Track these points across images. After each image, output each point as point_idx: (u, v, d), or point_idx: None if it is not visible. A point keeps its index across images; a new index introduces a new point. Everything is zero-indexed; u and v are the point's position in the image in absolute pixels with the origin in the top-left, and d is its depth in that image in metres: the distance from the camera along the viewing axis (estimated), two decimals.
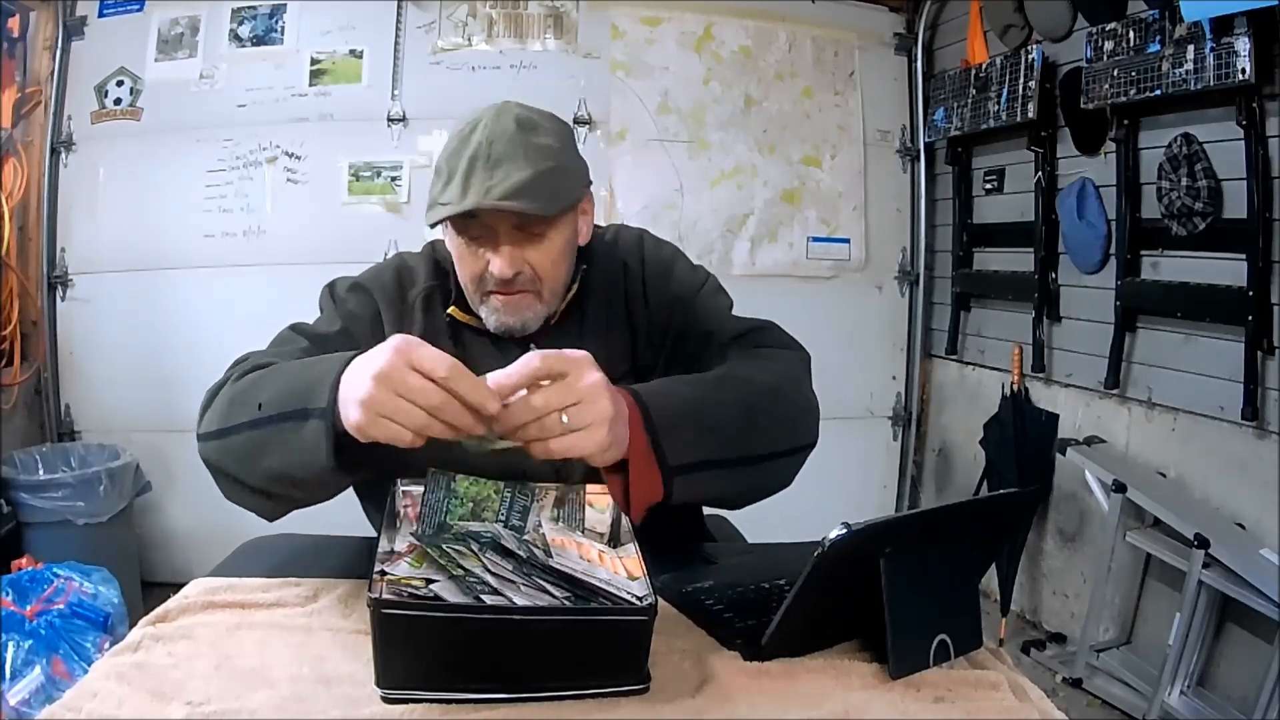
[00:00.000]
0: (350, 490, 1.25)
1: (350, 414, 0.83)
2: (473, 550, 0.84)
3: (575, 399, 0.83)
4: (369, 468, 0.91)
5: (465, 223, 1.05)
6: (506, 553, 0.85)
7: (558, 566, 0.83)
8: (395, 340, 0.83)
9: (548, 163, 1.02)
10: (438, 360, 0.80)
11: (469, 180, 1.00)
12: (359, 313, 1.15)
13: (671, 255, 1.24)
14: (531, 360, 0.83)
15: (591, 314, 1.18)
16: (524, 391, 0.83)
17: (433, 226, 1.06)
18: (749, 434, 0.98)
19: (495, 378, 0.83)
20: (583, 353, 0.86)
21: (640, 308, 1.19)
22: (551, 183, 1.02)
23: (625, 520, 0.98)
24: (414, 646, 0.76)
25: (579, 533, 0.97)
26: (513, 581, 0.81)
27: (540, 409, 0.82)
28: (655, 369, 1.17)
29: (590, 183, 1.15)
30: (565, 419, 0.82)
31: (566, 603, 0.81)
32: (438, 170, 1.06)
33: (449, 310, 1.15)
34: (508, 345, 1.14)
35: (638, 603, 0.81)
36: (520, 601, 0.79)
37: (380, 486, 1.00)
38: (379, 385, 0.80)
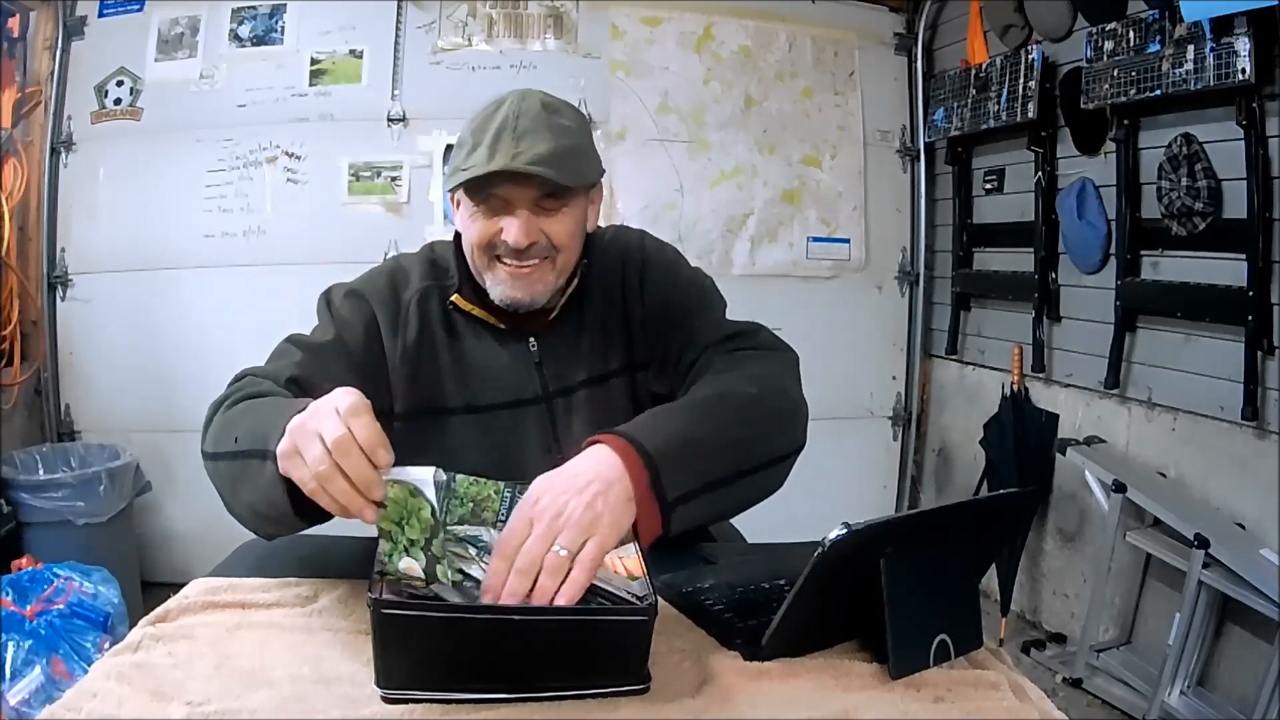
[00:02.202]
0: None
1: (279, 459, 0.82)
2: (472, 554, 0.84)
3: (557, 530, 0.81)
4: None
5: (483, 193, 1.07)
6: None
7: None
8: (334, 395, 0.81)
9: (569, 141, 1.07)
10: (337, 430, 0.77)
11: (496, 147, 1.03)
12: (353, 320, 1.15)
13: (674, 258, 1.26)
14: (510, 524, 0.83)
15: (590, 312, 1.19)
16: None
17: (452, 191, 1.09)
18: (737, 453, 0.98)
19: (500, 544, 0.82)
20: (536, 485, 0.85)
21: (638, 306, 1.20)
22: (572, 159, 1.06)
23: None
24: (414, 646, 0.76)
25: None
26: None
27: (538, 554, 0.80)
28: (649, 367, 1.19)
29: (603, 172, 1.18)
30: (563, 551, 0.80)
31: None
32: (460, 142, 1.09)
33: (452, 299, 1.16)
34: (508, 340, 1.16)
35: (638, 603, 0.81)
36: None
37: None
38: (290, 437, 0.80)
